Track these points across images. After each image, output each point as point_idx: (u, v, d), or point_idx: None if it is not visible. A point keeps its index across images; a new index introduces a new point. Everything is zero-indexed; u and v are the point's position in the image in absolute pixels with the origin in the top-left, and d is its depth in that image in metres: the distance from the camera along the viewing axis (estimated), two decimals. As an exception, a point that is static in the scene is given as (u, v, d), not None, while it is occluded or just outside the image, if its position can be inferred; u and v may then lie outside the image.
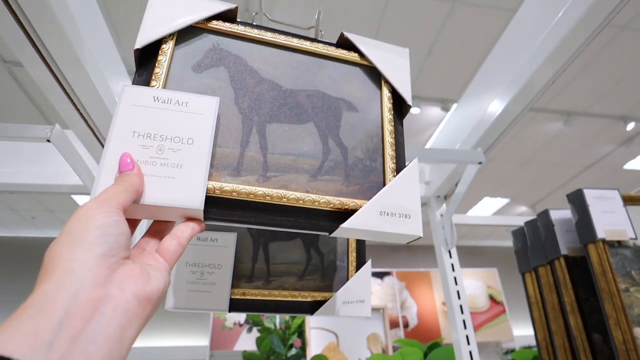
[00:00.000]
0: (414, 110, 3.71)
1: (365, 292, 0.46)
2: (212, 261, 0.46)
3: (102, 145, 0.65)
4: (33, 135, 0.54)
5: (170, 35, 0.36)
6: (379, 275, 5.99)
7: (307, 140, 0.36)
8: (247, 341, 5.07)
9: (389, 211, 0.32)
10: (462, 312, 0.79)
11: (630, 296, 0.62)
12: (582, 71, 3.34)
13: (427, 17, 2.77)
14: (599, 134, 4.34)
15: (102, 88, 0.55)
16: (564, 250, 0.70)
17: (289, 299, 0.46)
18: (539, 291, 0.75)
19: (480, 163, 0.67)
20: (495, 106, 0.70)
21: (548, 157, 4.82)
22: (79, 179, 0.74)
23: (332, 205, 0.32)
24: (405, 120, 0.38)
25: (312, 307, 0.46)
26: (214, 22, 0.38)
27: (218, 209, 0.31)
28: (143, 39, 0.34)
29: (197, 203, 0.29)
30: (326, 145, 0.36)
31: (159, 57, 0.35)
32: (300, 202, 0.32)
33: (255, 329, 4.36)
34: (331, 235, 0.32)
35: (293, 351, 3.31)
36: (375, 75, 0.39)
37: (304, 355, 3.17)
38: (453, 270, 0.84)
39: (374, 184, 0.34)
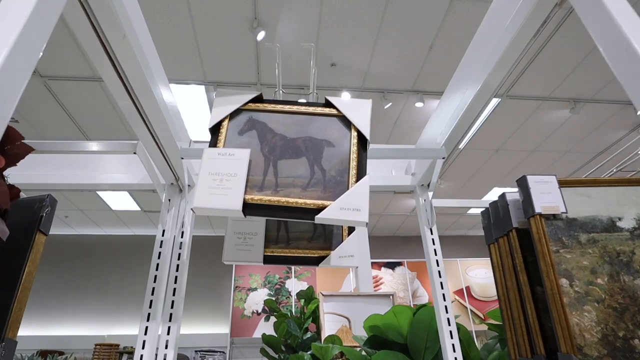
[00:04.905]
0: (417, 104, 3.88)
1: (354, 250, 0.69)
2: (251, 230, 0.69)
3: (162, 152, 0.87)
4: (124, 150, 0.77)
5: (227, 117, 0.64)
6: (391, 265, 6.18)
7: (301, 167, 0.60)
8: (265, 329, 5.33)
9: (346, 207, 0.54)
10: (440, 276, 1.00)
11: (559, 256, 0.82)
12: (585, 59, 3.45)
13: (427, 13, 2.94)
14: (608, 119, 4.41)
15: (165, 111, 0.78)
16: (515, 224, 0.90)
17: (302, 254, 0.69)
18: (499, 257, 0.95)
19: (443, 158, 0.87)
20: (467, 97, 0.83)
21: (557, 144, 4.90)
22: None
23: (313, 205, 0.55)
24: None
25: (317, 261, 0.69)
26: (250, 104, 0.66)
27: (251, 209, 0.56)
28: (212, 121, 0.63)
29: (238, 207, 0.55)
30: (312, 169, 0.60)
31: (221, 129, 0.63)
32: (296, 204, 0.56)
33: (272, 318, 4.60)
34: (315, 222, 0.55)
35: (308, 334, 3.49)
36: (346, 122, 0.63)
37: (319, 338, 3.37)
38: (433, 243, 1.05)
39: (341, 191, 0.57)
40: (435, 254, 1.03)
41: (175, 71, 3.21)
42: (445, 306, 0.97)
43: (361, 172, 0.58)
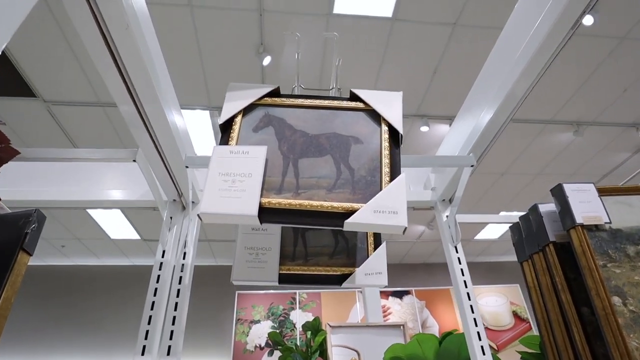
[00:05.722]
0: (422, 129, 3.86)
1: (382, 266, 0.60)
2: (264, 245, 0.60)
3: (164, 163, 0.80)
4: (122, 157, 0.71)
5: (239, 112, 0.57)
6: (398, 294, 5.96)
7: (326, 167, 0.53)
8: (269, 365, 5.05)
9: (381, 210, 0.47)
10: (469, 299, 0.91)
11: (607, 271, 0.73)
12: (586, 82, 3.45)
13: (430, 39, 2.97)
14: (611, 142, 4.38)
15: (170, 119, 0.72)
16: (552, 238, 0.82)
17: (323, 272, 0.60)
18: (535, 275, 0.86)
19: (472, 166, 0.80)
20: (484, 118, 0.84)
21: (561, 167, 4.85)
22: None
23: (342, 208, 0.48)
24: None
25: (340, 279, 0.60)
26: (266, 98, 0.59)
27: (268, 215, 0.48)
28: (223, 117, 0.56)
29: (254, 212, 0.47)
30: (339, 169, 0.52)
31: (233, 126, 0.56)
32: (320, 207, 0.48)
33: (276, 353, 4.36)
34: (344, 229, 0.47)
35: (316, 369, 3.29)
36: (375, 116, 0.57)
37: (327, 373, 3.16)
38: (460, 263, 0.96)
39: (373, 192, 0.49)
40: (463, 275, 0.93)
41: (180, 96, 3.21)
42: (478, 332, 0.87)
43: (395, 171, 0.50)
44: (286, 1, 2.60)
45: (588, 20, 2.96)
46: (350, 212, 0.46)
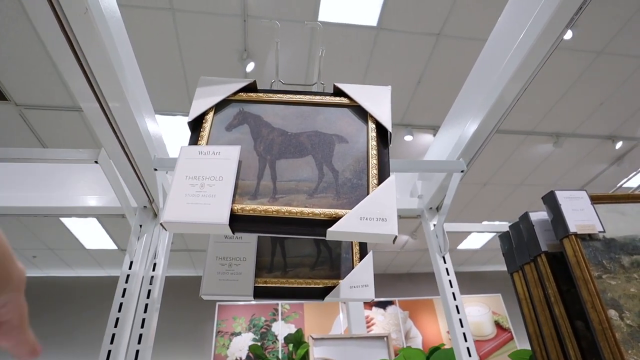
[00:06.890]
0: (406, 138, 3.86)
1: (368, 278, 0.55)
2: (238, 254, 0.54)
3: (132, 165, 0.74)
4: (82, 158, 0.64)
5: (211, 108, 0.52)
6: (382, 304, 5.91)
7: (306, 169, 0.48)
8: (250, 378, 4.89)
9: (368, 216, 0.42)
10: (458, 312, 0.86)
11: (603, 282, 0.70)
12: (565, 95, 3.53)
13: (414, 49, 2.98)
14: (589, 153, 4.49)
15: (139, 117, 0.66)
16: (544, 247, 0.79)
17: (304, 285, 0.54)
18: (526, 287, 0.82)
19: (462, 171, 0.77)
20: (470, 128, 0.81)
21: (542, 178, 4.94)
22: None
23: (324, 215, 0.43)
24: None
25: (323, 293, 0.54)
26: (240, 93, 0.54)
27: (241, 223, 0.43)
28: (192, 114, 0.51)
29: (224, 220, 0.41)
30: (321, 171, 0.47)
31: (204, 124, 0.51)
32: (300, 214, 0.43)
33: (258, 365, 4.23)
34: (327, 238, 0.42)
35: (298, 383, 3.20)
36: (362, 112, 0.52)
37: (310, 387, 3.07)
38: (448, 274, 0.92)
39: (360, 197, 0.44)
40: (451, 286, 0.89)
41: (161, 102, 3.13)
42: (468, 348, 0.82)
43: (383, 173, 0.46)
44: (271, 7, 2.57)
45: (567, 34, 3.03)
46: (333, 220, 0.41)
